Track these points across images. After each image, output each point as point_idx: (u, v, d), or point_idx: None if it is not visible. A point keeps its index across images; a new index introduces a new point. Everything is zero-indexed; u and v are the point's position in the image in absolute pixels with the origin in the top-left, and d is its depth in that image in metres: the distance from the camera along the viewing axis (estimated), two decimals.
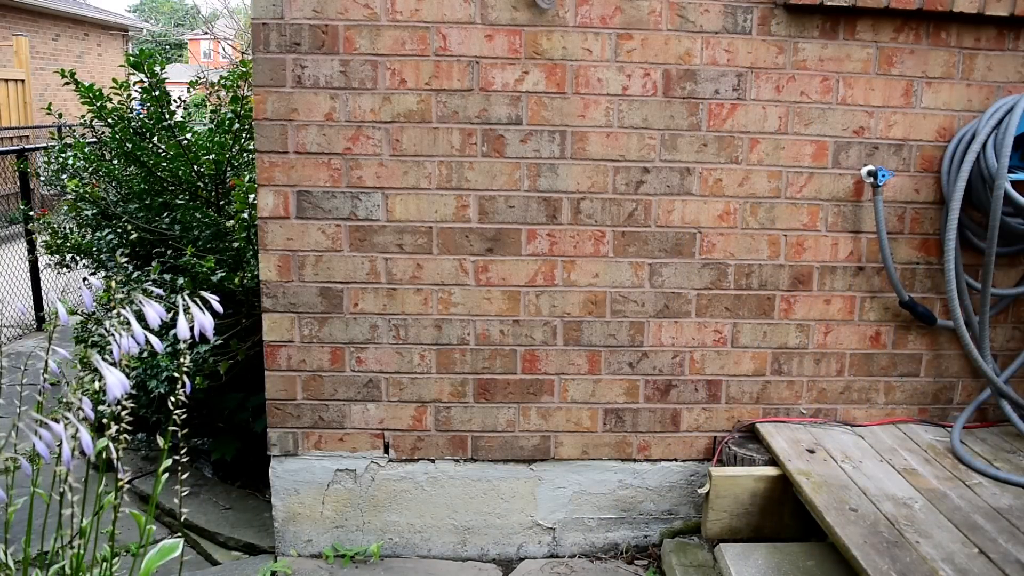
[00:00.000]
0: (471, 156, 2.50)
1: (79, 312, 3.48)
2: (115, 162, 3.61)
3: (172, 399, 1.80)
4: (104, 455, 1.74)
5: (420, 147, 2.49)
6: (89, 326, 3.39)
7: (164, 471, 1.85)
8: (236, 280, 2.95)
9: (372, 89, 2.45)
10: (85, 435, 1.53)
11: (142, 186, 3.50)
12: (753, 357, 2.68)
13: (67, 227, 3.68)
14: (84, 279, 3.24)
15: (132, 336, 1.63)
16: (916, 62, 2.52)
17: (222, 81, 3.54)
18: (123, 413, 1.74)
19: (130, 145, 3.39)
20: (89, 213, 3.58)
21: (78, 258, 3.61)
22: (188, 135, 3.56)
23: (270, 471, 2.68)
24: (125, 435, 1.76)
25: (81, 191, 3.48)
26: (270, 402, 2.63)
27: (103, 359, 1.59)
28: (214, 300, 1.75)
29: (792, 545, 2.36)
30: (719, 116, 2.52)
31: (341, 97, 2.45)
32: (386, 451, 2.68)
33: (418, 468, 2.69)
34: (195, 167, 3.42)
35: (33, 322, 5.70)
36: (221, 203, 3.46)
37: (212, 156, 3.44)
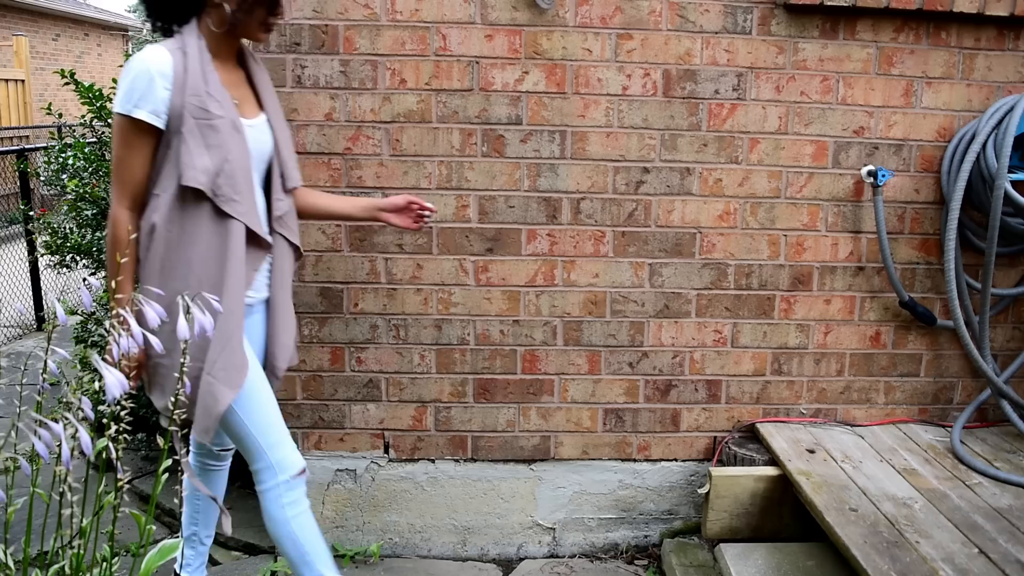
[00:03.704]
0: (471, 156, 2.50)
1: (79, 312, 3.48)
2: None
3: (172, 399, 1.80)
4: (104, 455, 1.73)
5: (420, 147, 2.49)
6: (89, 326, 3.39)
7: (164, 471, 1.85)
8: None
9: (372, 89, 2.45)
10: (84, 435, 1.53)
11: None
12: (753, 357, 2.68)
13: (67, 227, 3.67)
14: (84, 279, 3.24)
15: (131, 336, 1.63)
16: (916, 62, 2.52)
17: None
18: (123, 413, 1.74)
19: None
20: (89, 213, 3.57)
21: (78, 258, 3.61)
22: None
23: None
24: (125, 435, 1.75)
25: (81, 191, 3.48)
26: None
27: (103, 359, 1.59)
28: (214, 299, 1.74)
29: (792, 545, 2.36)
30: (719, 116, 2.52)
31: (341, 97, 2.45)
32: (386, 451, 2.68)
33: (418, 468, 2.69)
34: None
35: (33, 322, 5.70)
36: None
37: None
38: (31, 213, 4.98)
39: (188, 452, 2.25)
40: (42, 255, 3.84)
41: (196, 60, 1.78)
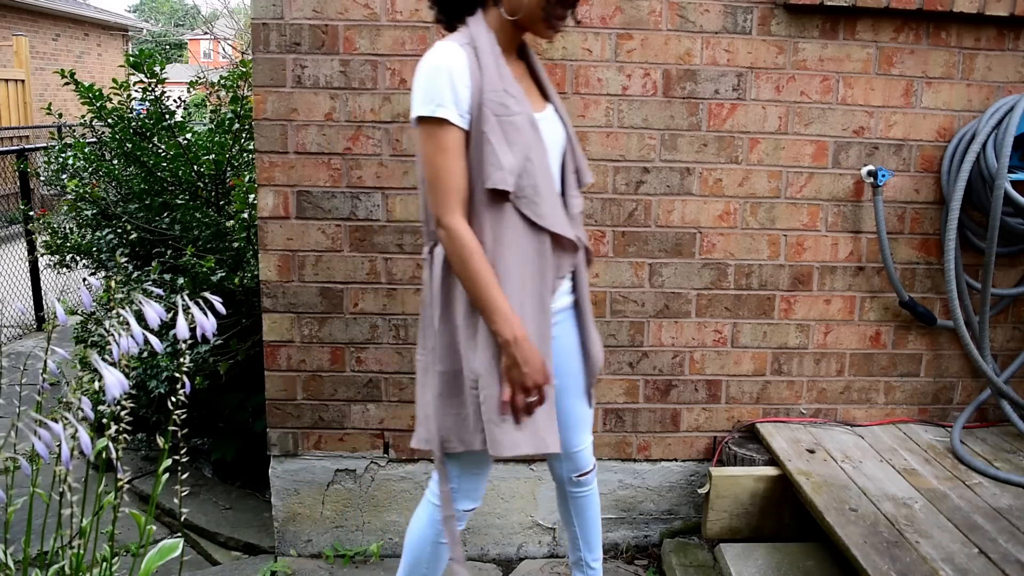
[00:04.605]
0: None
1: (79, 312, 3.48)
2: (115, 162, 3.61)
3: (172, 399, 1.80)
4: (104, 455, 1.74)
5: None
6: (89, 326, 3.39)
7: (164, 471, 1.85)
8: (236, 280, 2.95)
9: (372, 89, 2.45)
10: (84, 435, 1.53)
11: (142, 186, 3.50)
12: (753, 357, 2.67)
13: (67, 227, 3.67)
14: (84, 279, 3.24)
15: (131, 336, 1.63)
16: (916, 62, 2.52)
17: (222, 81, 3.54)
18: (123, 413, 1.74)
19: (130, 145, 3.39)
20: (89, 213, 3.58)
21: (78, 258, 3.61)
22: (188, 135, 3.56)
23: (270, 471, 2.68)
24: (125, 435, 1.76)
25: (81, 191, 3.48)
26: (270, 402, 2.63)
27: (102, 359, 1.59)
28: (217, 301, 1.75)
29: (792, 545, 2.36)
30: (719, 116, 2.52)
31: (341, 97, 2.45)
32: (386, 451, 2.68)
33: (418, 468, 2.69)
34: (195, 167, 3.42)
35: (33, 322, 5.70)
36: (221, 203, 3.46)
37: (212, 156, 3.44)
38: (31, 213, 4.98)
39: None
40: (42, 255, 3.84)
41: (489, 54, 1.67)
